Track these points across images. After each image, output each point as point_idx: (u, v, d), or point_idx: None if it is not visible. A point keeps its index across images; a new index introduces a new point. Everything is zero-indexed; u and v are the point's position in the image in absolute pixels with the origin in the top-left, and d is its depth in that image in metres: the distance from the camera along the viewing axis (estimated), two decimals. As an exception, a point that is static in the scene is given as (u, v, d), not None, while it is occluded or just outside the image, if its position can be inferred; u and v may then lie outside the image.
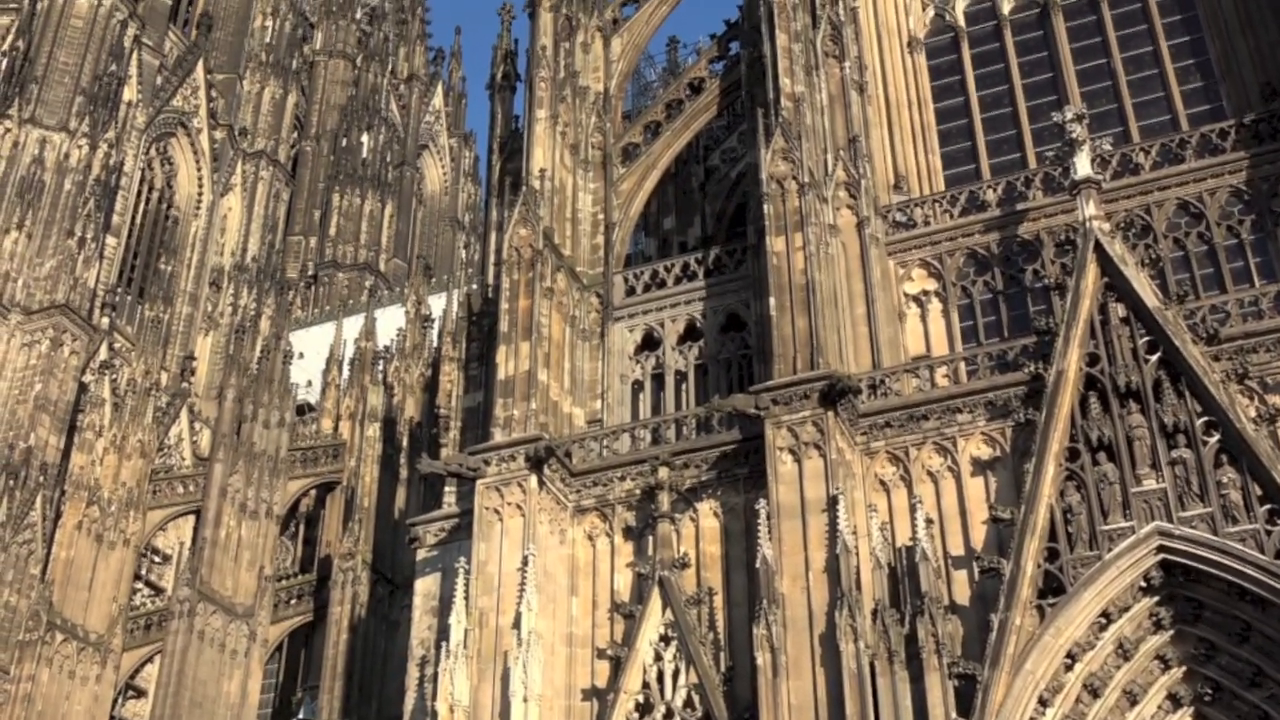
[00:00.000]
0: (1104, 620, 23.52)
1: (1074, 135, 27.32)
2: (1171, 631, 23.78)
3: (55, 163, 53.63)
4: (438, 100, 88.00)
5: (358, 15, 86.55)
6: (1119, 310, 25.38)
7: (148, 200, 61.25)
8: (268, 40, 69.73)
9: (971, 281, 29.28)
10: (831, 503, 24.70)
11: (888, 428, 26.49)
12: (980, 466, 25.90)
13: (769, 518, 25.06)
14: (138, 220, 60.26)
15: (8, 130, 53.99)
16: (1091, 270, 25.72)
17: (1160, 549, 23.53)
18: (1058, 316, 25.63)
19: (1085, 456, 24.48)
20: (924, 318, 29.23)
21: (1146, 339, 24.98)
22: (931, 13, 34.23)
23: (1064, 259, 27.36)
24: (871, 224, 29.08)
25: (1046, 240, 28.67)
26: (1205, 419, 24.13)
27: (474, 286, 36.71)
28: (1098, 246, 25.80)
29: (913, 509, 24.78)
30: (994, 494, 25.46)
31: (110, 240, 56.19)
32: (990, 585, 24.07)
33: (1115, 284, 25.59)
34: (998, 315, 28.84)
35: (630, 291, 31.67)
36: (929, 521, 24.81)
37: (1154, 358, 24.79)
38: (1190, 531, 23.40)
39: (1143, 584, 23.62)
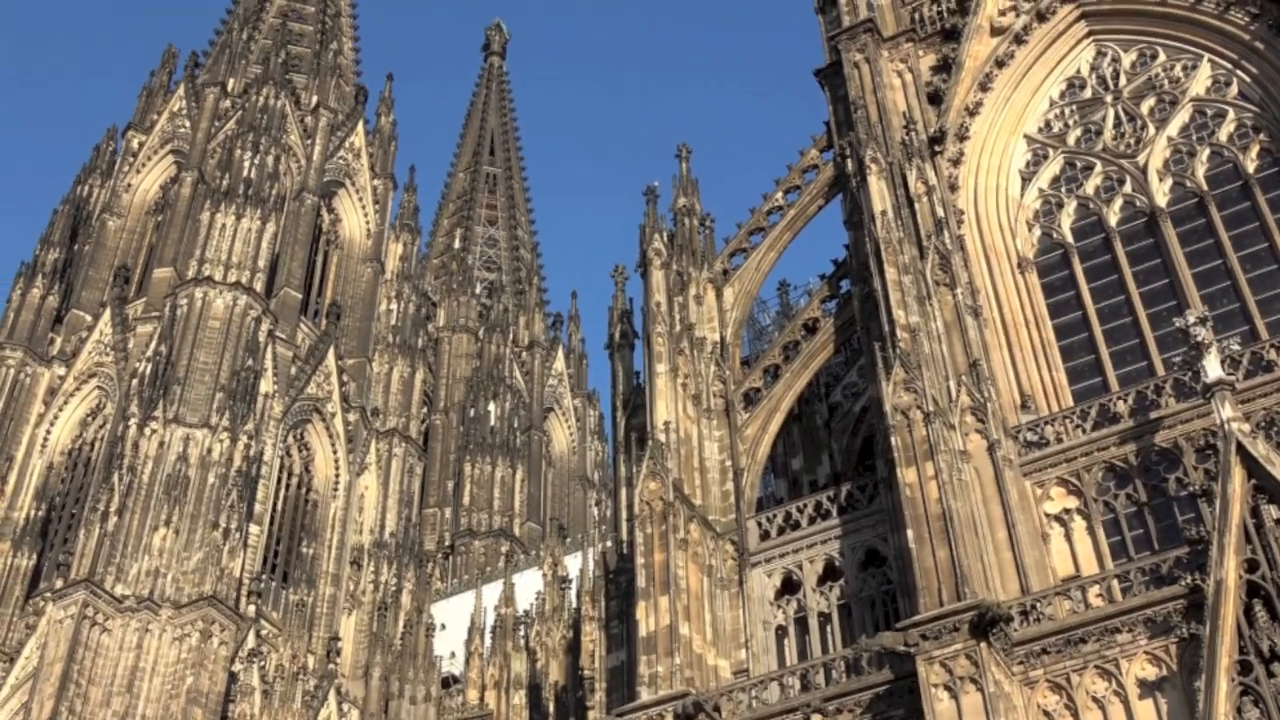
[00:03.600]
0: (1304, 846, 22.02)
1: (1199, 338, 26.96)
2: None
3: (199, 458, 55.51)
4: (559, 363, 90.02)
5: (477, 290, 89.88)
6: (1272, 512, 24.53)
7: (287, 486, 62.80)
8: (393, 322, 72.32)
9: (1113, 495, 28.57)
10: (995, 738, 23.75)
11: (1045, 654, 25.58)
12: (1148, 688, 24.80)
13: (932, 759, 24.14)
14: (278, 506, 61.67)
15: (154, 431, 56.13)
16: (1238, 473, 25.00)
17: (1355, 763, 22.15)
18: (1208, 524, 24.81)
19: (1259, 669, 23.30)
20: (1069, 536, 28.50)
21: (1306, 539, 24.04)
22: (1038, 232, 34.38)
23: (1206, 464, 26.66)
24: (1003, 446, 28.75)
25: (1185, 447, 28.00)
26: (1382, 618, 22.98)
27: (608, 544, 36.78)
28: (1240, 448, 25.15)
29: (1082, 739, 23.73)
30: (1166, 716, 24.34)
31: (253, 528, 57.46)
32: (1176, 816, 22.79)
33: (1265, 485, 24.80)
34: (1145, 528, 28.03)
35: (765, 536, 31.41)
36: (1101, 751, 23.71)
37: (1317, 558, 23.81)
38: (1385, 742, 22.04)
39: (1341, 803, 22.15)
